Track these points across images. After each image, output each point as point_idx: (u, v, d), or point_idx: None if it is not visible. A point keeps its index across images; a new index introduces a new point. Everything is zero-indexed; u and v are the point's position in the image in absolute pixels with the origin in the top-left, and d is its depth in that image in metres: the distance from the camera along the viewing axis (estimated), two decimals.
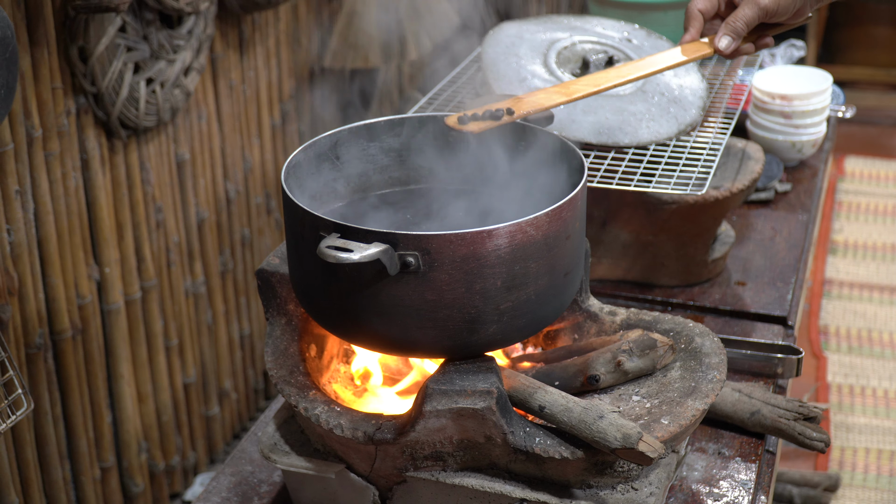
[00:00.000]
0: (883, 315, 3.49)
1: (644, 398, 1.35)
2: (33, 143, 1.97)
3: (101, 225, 2.18)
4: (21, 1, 1.88)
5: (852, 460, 2.88)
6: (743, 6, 1.54)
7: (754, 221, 2.13)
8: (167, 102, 2.22)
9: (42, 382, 2.07)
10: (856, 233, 3.97)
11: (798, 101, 2.29)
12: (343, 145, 1.45)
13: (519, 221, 1.20)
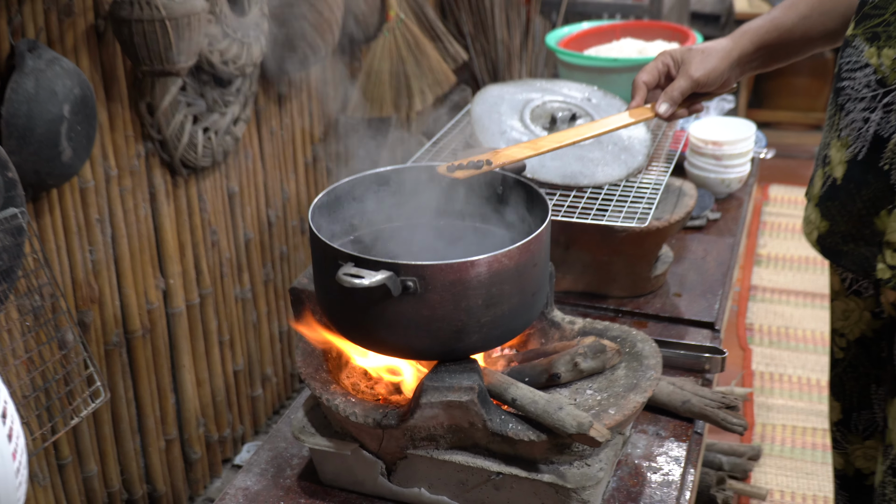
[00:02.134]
0: (798, 315, 3.49)
1: (596, 392, 1.36)
2: (110, 181, 1.99)
3: (165, 245, 2.19)
4: (99, 65, 1.90)
5: (771, 434, 2.88)
6: (679, 79, 1.54)
7: (689, 244, 2.11)
8: (220, 147, 2.24)
9: (118, 372, 2.10)
10: (777, 247, 3.96)
11: (727, 146, 2.28)
12: (358, 188, 1.46)
13: (496, 253, 1.22)
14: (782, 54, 1.60)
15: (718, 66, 1.54)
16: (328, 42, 2.44)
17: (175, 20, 1.75)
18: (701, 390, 1.57)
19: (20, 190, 1.54)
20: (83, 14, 1.83)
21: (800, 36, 1.58)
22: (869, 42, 1.36)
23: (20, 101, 1.60)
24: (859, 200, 1.40)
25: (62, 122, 1.65)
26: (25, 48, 1.64)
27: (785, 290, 3.65)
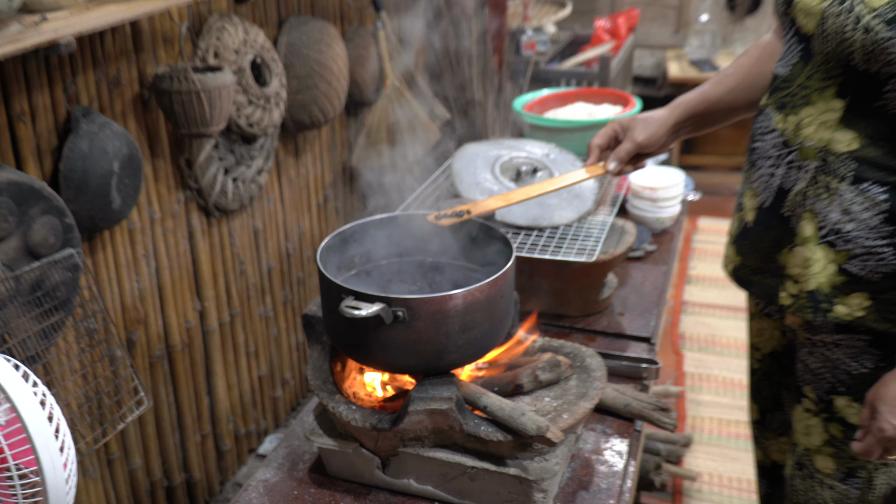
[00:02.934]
0: (722, 325, 3.49)
1: (552, 399, 1.35)
2: (154, 223, 1.98)
3: (201, 274, 2.18)
4: (144, 127, 1.89)
5: (700, 425, 2.88)
6: (625, 142, 1.53)
7: (631, 272, 2.10)
8: (247, 193, 2.23)
9: (160, 380, 2.08)
10: (704, 269, 3.97)
11: (661, 191, 2.28)
12: (358, 232, 1.45)
13: (469, 288, 1.22)
14: (710, 122, 1.59)
15: (657, 132, 1.54)
16: (336, 106, 2.44)
17: (208, 92, 1.74)
18: (639, 395, 1.57)
19: (76, 233, 1.53)
20: (130, 85, 1.82)
21: (726, 107, 1.57)
22: (777, 110, 1.36)
23: (76, 158, 1.59)
24: (766, 240, 1.40)
25: (112, 176, 1.64)
26: (80, 114, 1.63)
27: (711, 304, 3.65)
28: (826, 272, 1.32)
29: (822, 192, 1.30)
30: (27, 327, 1.40)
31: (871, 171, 1.25)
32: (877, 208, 1.26)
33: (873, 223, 1.27)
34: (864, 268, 1.29)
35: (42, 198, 1.45)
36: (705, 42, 4.92)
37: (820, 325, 1.38)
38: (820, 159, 1.29)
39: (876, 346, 1.33)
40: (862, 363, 1.35)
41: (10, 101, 1.53)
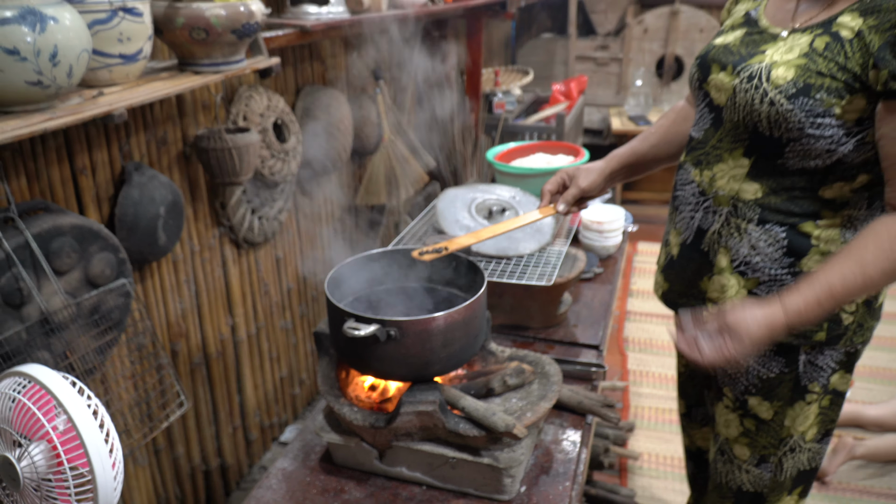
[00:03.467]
0: (658, 331, 3.47)
1: (518, 400, 1.33)
2: (195, 254, 1.95)
3: (233, 295, 2.15)
4: (186, 178, 1.87)
5: (642, 413, 2.85)
6: (571, 188, 1.53)
7: (583, 290, 2.09)
8: (270, 229, 2.20)
9: (199, 383, 2.04)
10: (643, 284, 3.96)
11: (606, 224, 2.27)
12: (359, 263, 1.44)
13: (449, 311, 1.20)
14: (638, 171, 1.60)
15: (597, 180, 1.53)
16: (343, 157, 2.42)
17: (238, 149, 1.72)
18: (590, 394, 1.55)
19: (128, 265, 1.50)
20: (175, 143, 1.80)
21: (651, 158, 1.58)
22: (695, 166, 1.35)
23: (128, 205, 1.56)
24: (689, 270, 1.39)
25: (159, 218, 1.61)
26: (133, 168, 1.61)
27: (649, 313, 3.64)
28: (739, 296, 1.31)
29: (733, 231, 1.29)
30: (86, 345, 1.38)
31: (773, 215, 1.25)
32: (778, 244, 1.25)
33: (776, 256, 1.26)
34: (769, 292, 1.28)
35: (100, 237, 1.42)
36: (640, 101, 4.94)
37: None
38: (731, 205, 1.28)
39: (780, 354, 1.33)
40: (770, 369, 1.34)
41: (74, 158, 1.50)
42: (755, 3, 1.34)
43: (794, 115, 1.15)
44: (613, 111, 5.09)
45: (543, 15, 5.77)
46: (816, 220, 1.23)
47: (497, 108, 3.81)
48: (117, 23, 1.27)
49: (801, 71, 1.15)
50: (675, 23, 5.00)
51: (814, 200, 1.22)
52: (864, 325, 1.30)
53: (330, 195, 2.70)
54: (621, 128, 4.72)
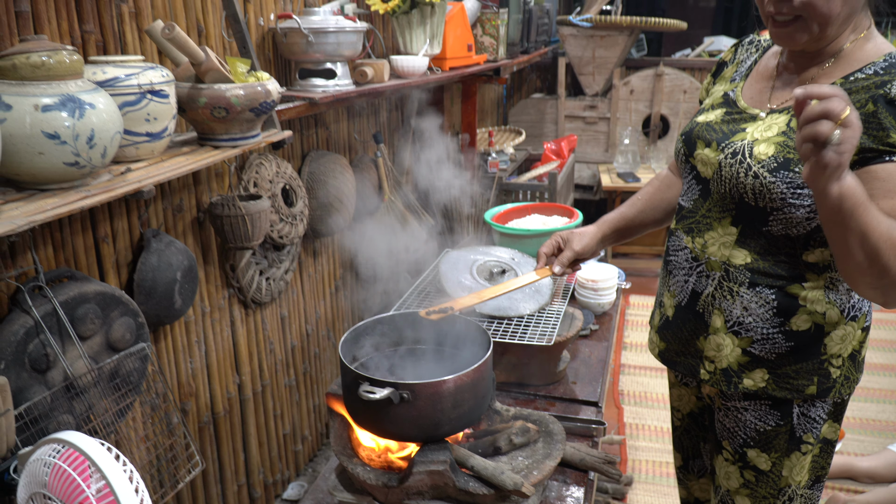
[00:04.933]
0: (653, 384, 3.50)
1: (525, 459, 1.37)
2: (205, 315, 2.00)
3: (240, 354, 2.18)
4: (199, 242, 1.93)
5: (639, 466, 2.87)
6: (566, 251, 1.61)
7: (580, 347, 2.13)
8: (276, 289, 2.25)
9: (206, 441, 2.06)
10: (636, 338, 4.00)
11: (600, 283, 2.33)
12: (370, 327, 1.49)
13: (459, 374, 1.25)
14: (627, 234, 1.69)
15: (590, 243, 1.61)
16: (346, 218, 2.49)
17: (251, 215, 1.79)
18: (592, 451, 1.58)
19: (146, 329, 1.55)
20: (189, 210, 1.86)
21: (638, 223, 1.67)
22: (686, 233, 1.43)
23: (147, 270, 1.62)
24: (685, 330, 1.45)
25: (176, 283, 1.66)
26: (151, 235, 1.67)
27: (643, 366, 3.67)
28: (734, 354, 1.37)
29: (726, 294, 1.36)
30: (107, 407, 1.41)
31: (762, 278, 1.32)
32: (768, 305, 1.32)
33: (766, 316, 1.33)
34: (762, 350, 1.35)
35: (121, 303, 1.47)
36: (628, 159, 5.07)
37: (732, 394, 1.43)
38: (723, 270, 1.36)
39: (776, 408, 1.38)
40: (766, 422, 1.39)
41: (97, 227, 1.57)
42: (732, 85, 1.44)
43: (777, 186, 1.24)
44: (603, 168, 5.21)
45: (534, 76, 5.96)
46: (802, 283, 1.30)
47: (492, 167, 3.92)
48: (145, 104, 1.35)
49: (781, 147, 1.24)
50: (660, 84, 5.18)
51: (798, 264, 1.30)
52: (850, 377, 1.37)
53: (332, 254, 2.76)
54: (611, 184, 4.84)
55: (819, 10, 1.20)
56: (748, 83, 1.42)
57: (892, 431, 3.10)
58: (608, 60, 5.17)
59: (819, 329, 1.31)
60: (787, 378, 1.35)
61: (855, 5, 1.22)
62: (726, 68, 1.51)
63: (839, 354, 1.34)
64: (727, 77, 1.49)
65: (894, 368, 3.65)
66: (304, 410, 2.65)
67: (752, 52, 1.47)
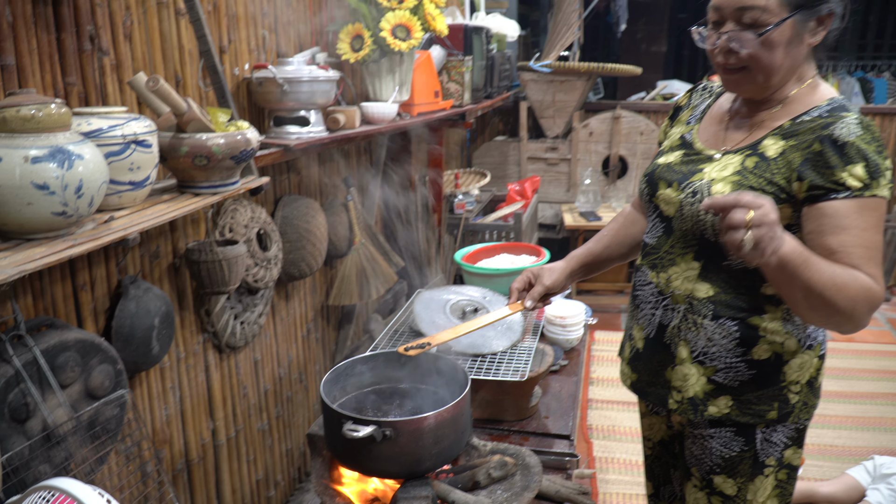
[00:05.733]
0: (620, 417, 3.55)
1: (503, 492, 1.40)
2: (180, 361, 1.99)
3: (214, 399, 2.17)
4: (175, 288, 1.93)
5: (610, 500, 2.90)
6: (536, 286, 1.66)
7: (551, 383, 2.18)
8: (250, 332, 2.26)
9: (180, 489, 2.03)
10: (602, 372, 4.05)
11: (568, 319, 2.40)
12: (349, 367, 1.52)
13: (439, 410, 1.29)
14: (595, 269, 1.76)
15: (559, 278, 1.68)
16: (318, 261, 2.52)
17: (228, 261, 1.81)
18: (566, 483, 1.63)
19: (125, 376, 1.55)
20: (166, 256, 1.87)
21: (605, 258, 1.74)
22: (651, 269, 1.50)
23: (125, 317, 1.62)
24: (654, 361, 1.51)
25: (153, 329, 1.67)
26: (129, 282, 1.67)
27: (610, 400, 3.72)
28: (699, 383, 1.44)
29: (691, 326, 1.43)
30: (86, 456, 1.40)
31: (724, 310, 1.39)
32: (731, 336, 1.39)
33: (729, 347, 1.40)
34: (726, 378, 1.41)
35: (100, 350, 1.47)
36: (589, 198, 5.21)
37: (699, 422, 1.49)
38: (687, 303, 1.42)
39: (740, 435, 1.44)
40: (730, 448, 1.45)
41: (76, 275, 1.57)
42: (688, 128, 1.54)
43: None
44: (565, 207, 5.34)
45: (496, 119, 6.10)
46: (762, 314, 1.38)
47: (458, 209, 3.99)
48: (129, 154, 1.38)
49: (736, 185, 1.33)
50: (618, 126, 5.36)
51: (758, 297, 1.37)
52: (808, 403, 1.44)
53: (304, 297, 2.77)
54: (573, 223, 4.95)
55: (762, 61, 1.30)
56: (703, 126, 1.52)
57: (848, 456, 3.19)
58: (568, 104, 5.33)
59: (778, 357, 1.39)
60: (749, 404, 1.41)
61: (796, 57, 1.33)
62: (682, 112, 1.61)
63: (797, 381, 1.41)
64: (683, 120, 1.58)
65: (848, 395, 3.77)
66: (276, 455, 2.62)
67: (705, 97, 1.57)
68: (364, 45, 2.47)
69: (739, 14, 1.29)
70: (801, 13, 1.28)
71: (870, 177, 1.23)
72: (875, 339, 4.51)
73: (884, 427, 3.46)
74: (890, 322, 4.81)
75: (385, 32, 2.43)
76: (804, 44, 1.32)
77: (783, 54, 1.30)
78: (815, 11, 1.30)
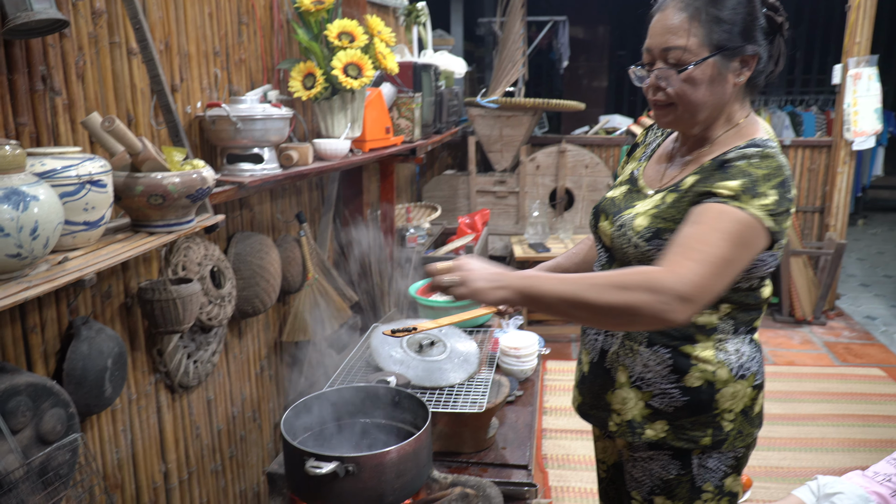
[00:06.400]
0: (574, 446, 3.59)
1: None
2: (132, 402, 1.95)
3: (166, 441, 2.12)
4: (127, 328, 1.90)
5: None
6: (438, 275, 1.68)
7: (508, 413, 2.20)
8: (204, 371, 2.23)
9: None
10: (556, 402, 4.10)
11: (522, 349, 2.43)
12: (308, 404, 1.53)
13: (401, 444, 1.31)
14: None
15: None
16: (272, 297, 2.51)
17: (182, 299, 1.80)
18: None
19: (77, 420, 1.52)
20: (117, 296, 1.85)
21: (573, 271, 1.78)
22: None
23: (77, 359, 1.59)
24: (596, 385, 1.57)
25: (107, 371, 1.64)
26: (80, 323, 1.65)
27: (563, 429, 3.76)
28: (637, 407, 1.49)
29: (628, 352, 1.49)
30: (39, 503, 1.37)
31: (659, 338, 1.46)
32: (665, 363, 1.45)
33: (664, 373, 1.46)
34: (661, 403, 1.47)
35: (52, 394, 1.45)
36: (538, 230, 5.32)
37: (638, 445, 1.53)
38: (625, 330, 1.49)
39: (676, 458, 1.49)
40: (668, 471, 1.50)
41: (26, 318, 1.54)
42: (638, 165, 1.62)
43: (652, 254, 1.39)
44: (514, 240, 5.43)
45: (445, 154, 6.20)
46: (694, 343, 1.45)
47: (410, 242, 4.03)
48: (84, 194, 1.38)
49: (653, 218, 1.41)
50: (563, 160, 5.51)
51: (689, 326, 1.44)
52: (743, 431, 1.49)
53: (258, 333, 2.75)
54: (523, 255, 5.04)
55: (687, 98, 1.40)
56: (650, 163, 1.60)
57: (794, 477, 3.31)
58: (515, 138, 5.46)
59: (711, 386, 1.45)
60: (683, 430, 1.47)
61: (721, 95, 1.41)
62: (637, 149, 1.69)
63: (731, 409, 1.47)
64: (637, 157, 1.67)
65: (791, 417, 3.91)
66: (230, 496, 2.57)
67: (657, 136, 1.66)
68: (316, 83, 2.51)
69: (665, 54, 1.39)
70: (722, 54, 1.37)
71: (742, 191, 1.27)
72: (814, 363, 4.70)
73: (826, 448, 3.60)
74: (827, 345, 5.02)
75: (337, 71, 2.48)
76: (729, 83, 1.40)
77: (707, 91, 1.39)
78: (737, 52, 1.38)
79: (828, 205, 5.49)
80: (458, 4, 6.91)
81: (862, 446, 3.60)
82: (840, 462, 3.42)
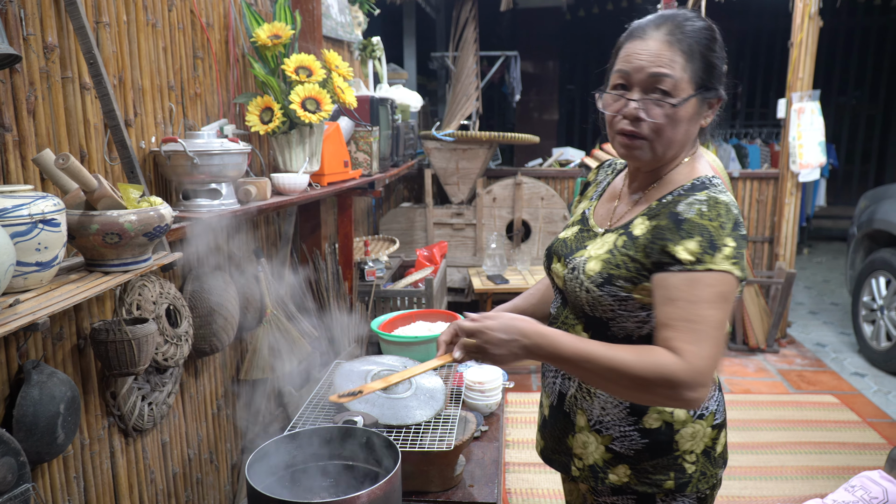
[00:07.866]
0: (537, 479, 3.58)
1: None
2: (84, 448, 1.87)
3: (120, 486, 2.04)
4: (79, 370, 1.84)
5: None
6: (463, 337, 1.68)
7: (474, 450, 2.20)
8: (159, 413, 2.16)
9: None
10: (517, 435, 4.10)
11: (487, 384, 2.45)
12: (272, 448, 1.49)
13: (371, 489, 1.29)
14: None
15: None
16: (230, 335, 2.47)
17: (138, 340, 1.75)
18: None
19: (28, 469, 1.46)
20: (70, 338, 1.79)
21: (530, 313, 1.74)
22: None
23: (28, 405, 1.53)
24: (557, 429, 1.56)
25: (59, 416, 1.58)
26: (31, 367, 1.59)
27: (526, 463, 3.76)
28: (598, 451, 1.48)
29: (586, 395, 1.49)
30: None
31: None
32: (622, 405, 1.45)
33: (622, 415, 1.45)
34: (622, 447, 1.45)
35: (2, 442, 1.39)
36: (496, 262, 5.36)
37: (601, 490, 1.52)
38: None
39: (641, 502, 1.47)
40: None
41: None
42: (590, 204, 1.64)
43: (605, 299, 1.40)
44: (473, 271, 5.46)
45: (401, 186, 6.22)
46: None
47: (369, 276, 4.01)
48: (36, 234, 1.34)
49: (605, 264, 1.41)
50: (519, 192, 5.59)
51: None
52: (706, 472, 1.48)
53: (214, 372, 2.69)
54: (482, 286, 5.06)
55: (665, 133, 1.37)
56: (600, 202, 1.61)
57: None
58: (471, 171, 5.52)
59: (669, 427, 1.45)
60: (646, 473, 1.46)
61: (690, 135, 1.43)
62: (589, 188, 1.72)
63: (692, 451, 1.46)
64: (589, 196, 1.69)
65: (750, 446, 3.99)
66: None
67: (608, 174, 1.69)
68: (274, 118, 2.51)
69: (652, 81, 1.33)
70: (702, 94, 1.38)
71: (703, 251, 1.25)
72: (769, 390, 4.81)
73: (785, 476, 3.67)
74: (781, 373, 5.15)
75: (295, 105, 2.48)
76: (698, 125, 1.43)
77: (683, 129, 1.38)
78: (712, 94, 1.40)
79: (777, 235, 5.67)
80: (410, 39, 7.01)
81: (819, 473, 3.68)
82: (799, 490, 3.49)
